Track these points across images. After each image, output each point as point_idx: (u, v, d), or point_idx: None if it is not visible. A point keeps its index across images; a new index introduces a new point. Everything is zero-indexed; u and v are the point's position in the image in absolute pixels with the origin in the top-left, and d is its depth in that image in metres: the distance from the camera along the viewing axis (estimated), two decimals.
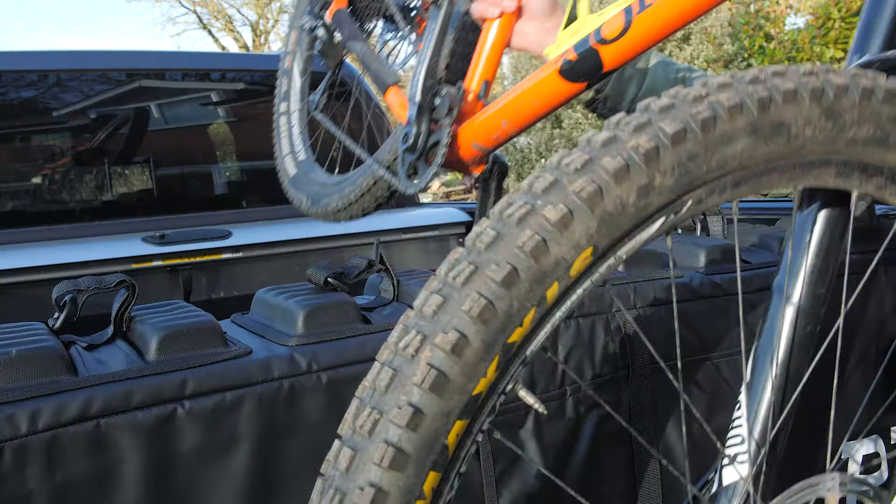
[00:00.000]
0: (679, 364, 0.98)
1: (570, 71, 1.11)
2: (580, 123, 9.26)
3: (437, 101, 1.12)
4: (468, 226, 2.38)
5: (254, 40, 17.47)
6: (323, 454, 0.84)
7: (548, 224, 0.50)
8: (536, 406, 0.55)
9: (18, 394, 0.72)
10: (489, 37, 1.24)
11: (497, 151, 1.22)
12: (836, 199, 0.68)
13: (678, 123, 0.53)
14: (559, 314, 0.54)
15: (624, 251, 0.55)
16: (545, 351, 1.02)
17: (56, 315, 0.89)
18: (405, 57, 1.41)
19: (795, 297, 0.68)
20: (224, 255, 2.22)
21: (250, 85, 2.58)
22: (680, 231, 1.35)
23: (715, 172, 0.55)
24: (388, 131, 2.46)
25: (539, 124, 10.52)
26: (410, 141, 1.07)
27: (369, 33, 1.63)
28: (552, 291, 0.52)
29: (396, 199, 1.50)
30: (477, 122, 1.17)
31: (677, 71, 1.35)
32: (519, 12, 1.25)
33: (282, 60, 1.88)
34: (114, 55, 2.58)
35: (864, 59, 0.69)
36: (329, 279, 0.98)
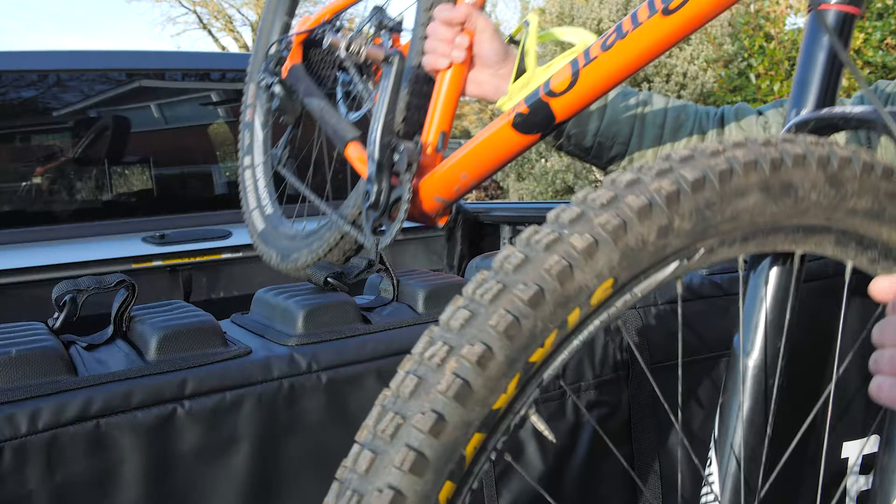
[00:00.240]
0: (678, 369, 0.98)
1: (522, 124, 1.13)
2: None
3: (396, 156, 1.12)
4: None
5: (253, 40, 17.46)
6: (323, 454, 0.84)
7: (574, 251, 0.53)
8: (546, 434, 0.56)
9: (18, 394, 0.72)
10: (443, 88, 1.25)
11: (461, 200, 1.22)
12: (783, 256, 0.71)
13: (698, 172, 0.56)
14: (576, 342, 0.56)
15: (639, 289, 0.57)
16: (558, 378, 1.02)
17: (56, 315, 0.89)
18: (363, 110, 1.43)
19: (755, 354, 0.70)
20: (224, 255, 2.22)
21: None
22: None
23: (728, 224, 0.58)
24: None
25: None
26: (372, 198, 1.08)
27: (326, 86, 1.64)
28: (573, 317, 0.54)
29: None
30: (437, 175, 1.17)
31: (636, 105, 1.37)
32: (471, 61, 1.26)
33: (242, 114, 1.88)
34: (114, 55, 2.57)
35: (801, 117, 0.71)
36: (329, 279, 0.98)
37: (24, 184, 2.48)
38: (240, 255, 2.19)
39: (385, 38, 1.34)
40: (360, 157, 1.25)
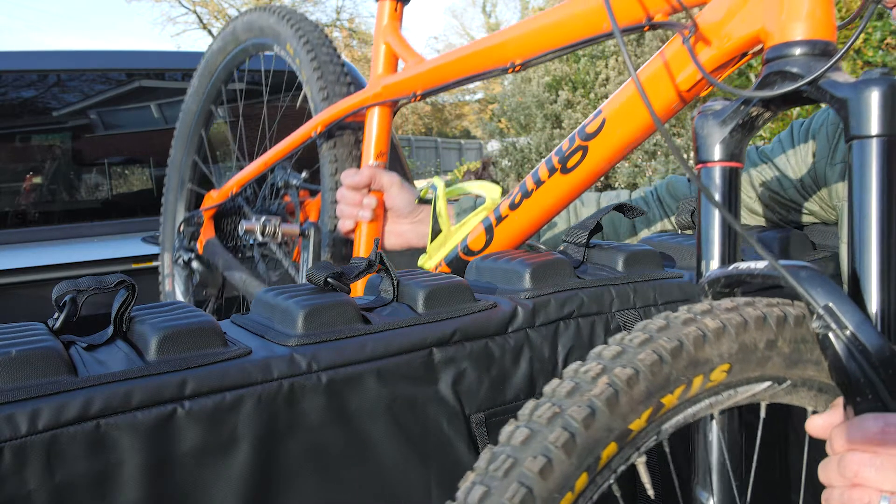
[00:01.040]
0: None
1: None
2: (580, 123, 9.25)
3: None
4: None
5: None
6: (323, 454, 0.84)
7: (707, 329, 0.63)
8: (648, 488, 0.63)
9: (18, 394, 0.72)
10: (360, 248, 1.31)
11: None
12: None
13: (800, 311, 0.67)
14: (691, 410, 0.64)
15: (740, 390, 0.65)
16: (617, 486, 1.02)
17: (56, 315, 0.89)
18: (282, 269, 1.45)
19: (715, 495, 0.75)
20: None
21: (249, 85, 2.59)
22: (680, 231, 1.35)
23: (813, 367, 0.67)
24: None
25: (539, 124, 10.53)
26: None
27: (243, 250, 1.66)
28: (697, 381, 0.62)
29: None
30: None
31: (568, 211, 1.42)
32: (386, 216, 1.31)
33: (161, 284, 1.89)
34: (114, 55, 2.58)
35: (711, 275, 0.75)
36: (329, 279, 0.98)
37: (24, 184, 2.48)
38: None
39: (293, 196, 1.39)
40: None
